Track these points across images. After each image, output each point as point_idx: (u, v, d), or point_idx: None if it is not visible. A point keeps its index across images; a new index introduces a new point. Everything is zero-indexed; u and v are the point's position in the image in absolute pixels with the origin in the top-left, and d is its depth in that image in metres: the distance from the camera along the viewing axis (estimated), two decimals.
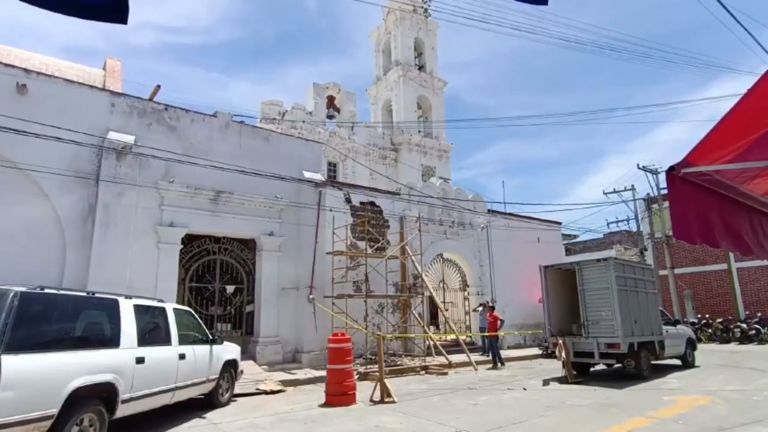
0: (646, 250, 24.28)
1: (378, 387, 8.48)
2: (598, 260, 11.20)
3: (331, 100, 28.24)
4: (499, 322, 13.67)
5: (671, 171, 2.53)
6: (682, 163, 2.50)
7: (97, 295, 5.79)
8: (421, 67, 31.80)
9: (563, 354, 10.57)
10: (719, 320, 20.59)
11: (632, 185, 24.19)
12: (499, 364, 13.07)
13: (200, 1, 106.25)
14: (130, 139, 10.83)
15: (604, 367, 11.68)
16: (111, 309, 5.77)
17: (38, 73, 10.39)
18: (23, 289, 4.77)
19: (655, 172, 23.13)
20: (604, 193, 25.47)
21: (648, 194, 24.16)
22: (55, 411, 4.56)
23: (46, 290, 5.06)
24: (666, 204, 22.84)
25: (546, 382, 10.30)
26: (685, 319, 20.09)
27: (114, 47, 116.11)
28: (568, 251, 27.10)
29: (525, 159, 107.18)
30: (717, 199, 2.88)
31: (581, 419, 6.84)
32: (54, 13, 1.91)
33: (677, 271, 22.94)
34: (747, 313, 21.58)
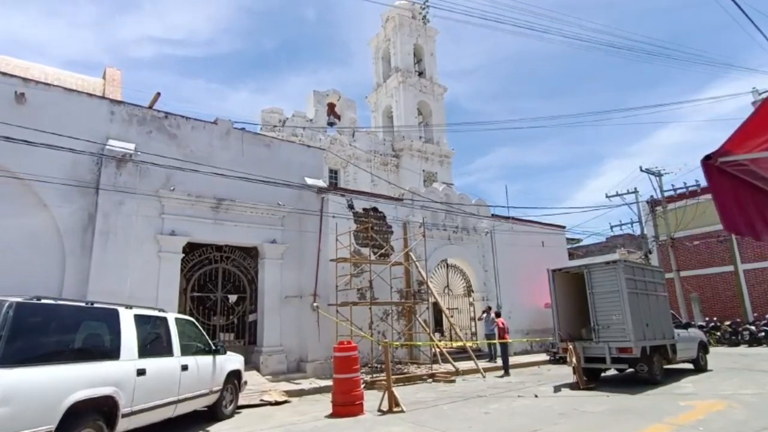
0: (650, 252, 24.02)
1: (386, 396, 8.26)
2: (607, 263, 10.97)
3: (331, 107, 28.18)
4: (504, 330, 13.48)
5: (707, 160, 2.36)
6: (719, 152, 2.33)
7: (96, 305, 5.61)
8: (420, 73, 31.77)
9: (574, 359, 10.33)
10: (728, 323, 20.33)
11: (635, 188, 23.77)
12: (502, 372, 12.86)
13: (200, 14, 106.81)
14: (130, 147, 10.70)
15: (616, 372, 11.44)
16: (111, 319, 5.60)
17: (37, 82, 10.27)
18: (19, 299, 4.59)
19: (658, 174, 22.92)
20: (607, 197, 24.69)
21: (651, 197, 23.94)
22: (52, 426, 4.38)
23: (43, 300, 4.88)
24: (670, 206, 22.69)
25: (557, 389, 10.06)
26: (693, 322, 19.82)
27: (115, 60, 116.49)
28: (571, 255, 26.76)
29: (525, 164, 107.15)
30: (752, 190, 2.71)
31: (597, 427, 6.62)
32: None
33: (683, 273, 22.68)
34: (755, 315, 21.32)
